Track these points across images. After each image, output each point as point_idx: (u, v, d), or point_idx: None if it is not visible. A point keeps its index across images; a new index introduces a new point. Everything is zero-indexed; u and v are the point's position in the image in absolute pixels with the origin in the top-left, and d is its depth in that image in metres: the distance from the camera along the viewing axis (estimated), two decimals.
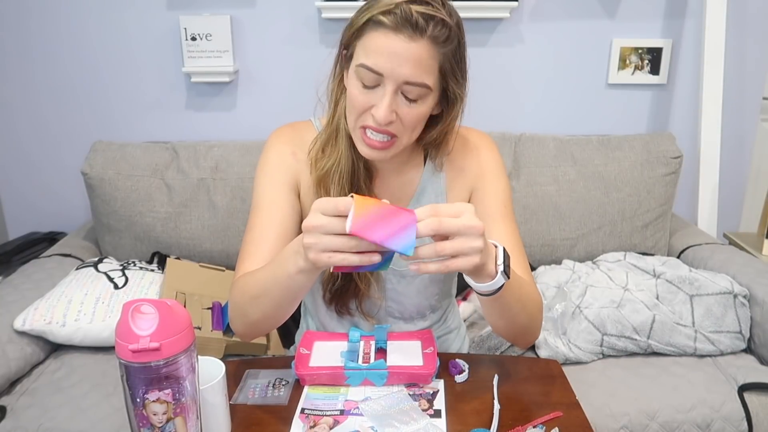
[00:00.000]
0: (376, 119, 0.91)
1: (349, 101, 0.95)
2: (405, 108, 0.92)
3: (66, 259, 1.71)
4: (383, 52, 0.88)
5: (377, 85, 0.91)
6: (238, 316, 0.98)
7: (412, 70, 0.89)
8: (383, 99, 0.90)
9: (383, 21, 0.87)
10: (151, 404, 0.70)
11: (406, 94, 0.91)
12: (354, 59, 0.93)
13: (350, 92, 0.94)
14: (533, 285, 1.03)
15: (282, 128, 1.10)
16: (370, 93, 0.91)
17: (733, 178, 2.07)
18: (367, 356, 0.97)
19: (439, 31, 0.88)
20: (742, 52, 1.96)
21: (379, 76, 0.89)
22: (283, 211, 1.02)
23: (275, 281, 0.89)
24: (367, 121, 0.93)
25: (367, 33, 0.90)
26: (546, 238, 1.80)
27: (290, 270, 0.84)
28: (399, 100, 0.91)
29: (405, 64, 0.88)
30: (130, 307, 0.69)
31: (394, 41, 0.87)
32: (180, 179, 1.76)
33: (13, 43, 1.90)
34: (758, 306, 1.47)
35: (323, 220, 0.75)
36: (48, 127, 1.99)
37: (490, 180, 1.07)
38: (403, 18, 0.86)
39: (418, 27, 0.87)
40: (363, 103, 0.92)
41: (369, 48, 0.89)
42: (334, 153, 1.01)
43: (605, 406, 1.30)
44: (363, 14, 0.91)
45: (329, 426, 0.85)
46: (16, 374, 1.34)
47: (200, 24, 1.86)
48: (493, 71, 1.95)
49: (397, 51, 0.87)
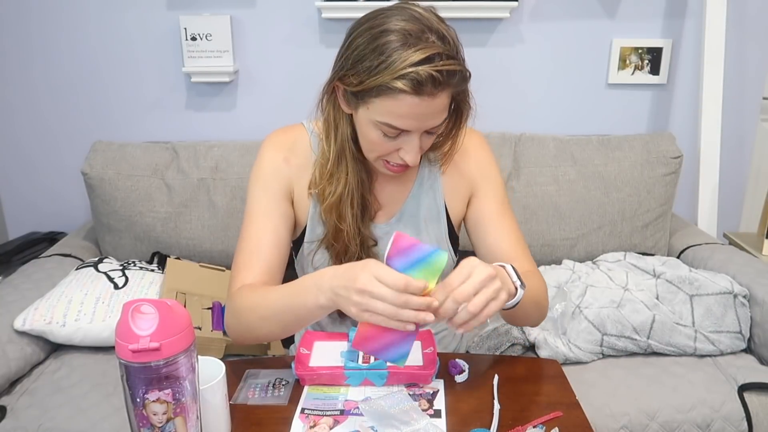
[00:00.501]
0: (408, 162, 0.95)
1: (369, 144, 0.97)
2: (426, 140, 0.97)
3: (66, 259, 1.71)
4: (407, 114, 0.90)
5: (399, 134, 0.93)
6: (241, 328, 0.99)
7: (437, 118, 0.93)
8: (411, 147, 0.94)
9: (401, 88, 0.86)
10: (151, 404, 0.70)
11: (429, 131, 0.95)
12: (370, 111, 0.92)
13: (370, 138, 0.95)
14: (538, 274, 1.07)
15: (274, 133, 1.11)
16: (394, 139, 0.94)
17: (733, 178, 2.07)
18: (367, 356, 0.97)
19: (456, 78, 0.90)
20: (742, 52, 1.96)
21: (404, 131, 0.93)
22: (276, 221, 1.05)
23: (290, 309, 0.91)
24: (393, 159, 0.97)
25: (385, 96, 0.89)
26: (546, 238, 1.80)
27: (309, 304, 0.88)
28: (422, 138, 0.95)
29: (430, 118, 0.92)
30: (130, 307, 0.69)
31: (418, 104, 0.89)
32: (180, 179, 1.76)
33: (13, 43, 1.90)
34: (758, 306, 1.47)
35: (382, 290, 0.78)
36: (48, 127, 1.99)
37: (487, 180, 1.11)
38: (422, 82, 0.86)
39: (439, 84, 0.88)
40: (389, 148, 0.96)
41: (391, 110, 0.90)
42: (342, 178, 1.02)
43: (605, 406, 1.30)
44: (374, 76, 0.88)
45: (329, 426, 0.85)
46: (16, 374, 1.34)
47: (200, 24, 1.86)
48: (492, 71, 1.95)
49: (422, 111, 0.90)
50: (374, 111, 0.91)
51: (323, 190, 1.03)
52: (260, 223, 1.04)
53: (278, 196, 1.06)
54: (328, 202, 1.02)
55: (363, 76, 0.89)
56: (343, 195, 1.02)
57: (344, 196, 1.02)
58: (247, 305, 0.97)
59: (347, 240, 1.04)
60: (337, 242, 1.05)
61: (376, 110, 0.91)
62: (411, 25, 0.87)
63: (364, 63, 0.89)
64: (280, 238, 1.04)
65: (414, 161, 0.95)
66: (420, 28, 0.87)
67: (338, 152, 1.01)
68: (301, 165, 1.07)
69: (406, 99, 0.87)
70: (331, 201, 1.02)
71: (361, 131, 0.97)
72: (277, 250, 1.02)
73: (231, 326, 1.02)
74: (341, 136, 1.00)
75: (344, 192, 1.01)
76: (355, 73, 0.90)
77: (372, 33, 0.89)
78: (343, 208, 1.02)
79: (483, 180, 1.11)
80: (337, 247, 1.05)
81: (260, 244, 1.03)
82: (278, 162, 1.07)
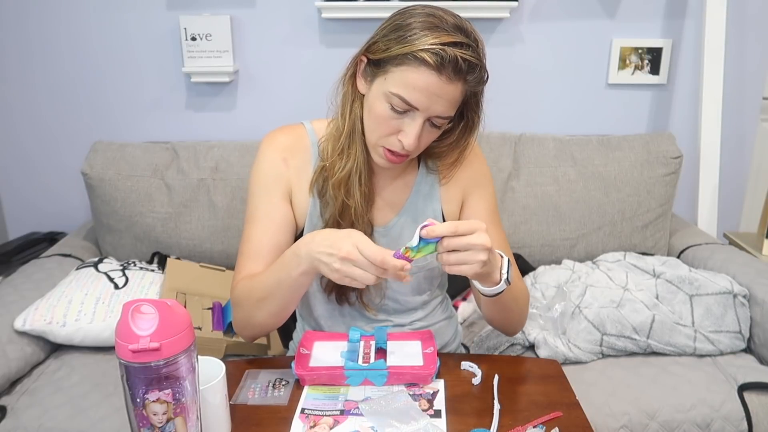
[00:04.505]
0: (405, 146, 0.96)
1: (373, 120, 0.98)
2: (426, 133, 0.97)
3: (66, 259, 1.71)
4: (422, 89, 0.91)
5: (407, 111, 0.94)
6: (244, 319, 1.05)
7: (445, 107, 0.94)
8: (412, 128, 0.94)
9: (426, 60, 0.89)
10: (151, 404, 0.70)
11: (432, 121, 0.96)
12: (386, 82, 0.94)
13: (377, 113, 0.96)
14: (522, 281, 1.13)
15: (273, 133, 1.11)
16: (399, 118, 0.95)
17: (733, 178, 2.07)
18: (367, 356, 0.98)
19: (476, 74, 0.93)
20: (742, 52, 1.96)
21: (412, 108, 0.93)
22: (276, 223, 1.06)
23: (279, 283, 0.96)
24: (391, 144, 0.97)
25: (407, 65, 0.91)
26: (546, 238, 1.80)
27: (293, 273, 0.92)
28: (424, 127, 0.96)
29: (440, 102, 0.92)
30: (130, 307, 0.69)
31: (435, 81, 0.90)
32: (180, 179, 1.76)
33: (13, 43, 1.90)
34: (758, 306, 1.47)
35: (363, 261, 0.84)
36: (48, 128, 1.99)
37: (481, 189, 1.13)
38: (447, 61, 0.89)
39: (460, 71, 0.91)
40: (391, 127, 0.96)
41: (407, 81, 0.91)
42: (352, 154, 1.03)
43: (605, 405, 1.30)
44: (403, 44, 0.91)
45: (329, 426, 0.85)
46: (17, 374, 1.34)
47: (200, 24, 1.86)
48: (492, 71, 1.93)
49: (436, 91, 0.91)
50: (390, 81, 0.93)
51: (333, 164, 1.04)
52: (261, 227, 1.06)
53: (277, 198, 1.07)
54: (337, 177, 1.03)
55: (391, 43, 0.93)
56: (352, 170, 1.02)
57: (353, 171, 1.03)
58: (244, 293, 1.02)
59: (354, 217, 1.04)
60: (343, 221, 1.05)
61: (392, 80, 0.93)
62: (447, 17, 0.92)
63: (396, 32, 0.93)
64: (279, 242, 1.06)
65: (411, 146, 0.95)
66: (455, 23, 0.92)
67: (350, 129, 1.02)
68: (300, 166, 1.08)
69: (426, 73, 0.90)
70: (340, 176, 1.03)
71: (369, 108, 0.98)
72: (277, 252, 1.03)
73: (236, 320, 1.07)
74: (354, 114, 1.02)
75: (353, 168, 1.02)
76: (385, 41, 0.94)
77: (411, 12, 0.94)
78: (352, 184, 1.03)
79: (475, 188, 1.13)
80: (344, 226, 1.05)
81: (260, 246, 1.05)
82: (277, 162, 1.07)
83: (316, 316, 1.16)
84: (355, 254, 0.84)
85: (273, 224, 1.06)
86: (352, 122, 1.02)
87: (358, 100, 1.01)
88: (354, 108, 1.02)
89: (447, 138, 1.06)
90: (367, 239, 0.86)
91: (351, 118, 1.02)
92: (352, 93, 1.02)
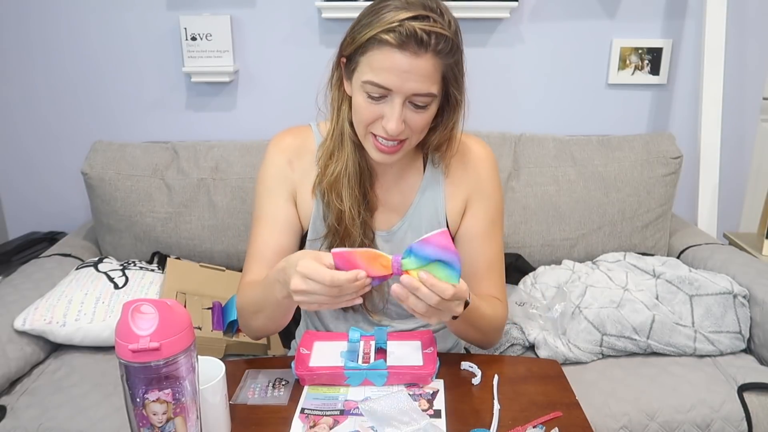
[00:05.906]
0: (388, 131, 0.94)
1: (356, 113, 0.98)
2: (413, 115, 0.95)
3: (66, 259, 1.71)
4: (390, 69, 0.90)
5: (384, 96, 0.93)
6: (245, 324, 1.07)
7: (419, 83, 0.92)
8: (392, 112, 0.93)
9: (387, 39, 0.89)
10: (151, 404, 0.70)
11: (414, 102, 0.94)
12: (358, 74, 0.94)
13: (357, 104, 0.96)
14: (500, 303, 1.09)
15: (281, 134, 1.11)
16: (378, 104, 0.94)
17: (733, 178, 2.07)
18: (367, 356, 0.98)
19: (442, 44, 0.91)
20: (742, 52, 1.96)
21: (387, 90, 0.92)
22: (279, 225, 1.07)
23: (267, 301, 0.96)
24: (377, 131, 0.96)
25: (371, 50, 0.91)
26: (546, 238, 1.80)
27: (277, 296, 0.91)
28: (407, 109, 0.94)
29: (412, 79, 0.91)
30: (130, 307, 0.69)
31: (400, 58, 0.90)
32: (180, 179, 1.76)
33: (13, 43, 1.90)
34: (758, 306, 1.47)
35: (315, 287, 0.81)
36: (48, 128, 1.99)
37: (483, 197, 1.11)
38: (406, 35, 0.88)
39: (422, 42, 0.89)
40: (372, 115, 0.95)
41: (375, 65, 0.91)
42: (341, 158, 1.03)
43: (605, 405, 1.30)
44: (365, 31, 0.92)
45: (329, 426, 0.85)
46: (16, 374, 1.34)
47: (200, 24, 1.86)
48: (493, 71, 1.95)
49: (404, 67, 0.90)
50: (361, 71, 0.93)
51: (325, 167, 1.05)
52: (266, 229, 1.07)
53: (282, 200, 1.07)
54: (328, 180, 1.04)
55: (356, 33, 0.93)
56: (341, 174, 1.03)
57: (341, 175, 1.03)
58: (243, 301, 1.04)
59: (348, 223, 1.04)
60: (339, 225, 1.05)
61: (362, 69, 0.93)
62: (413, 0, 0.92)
63: (360, 22, 0.94)
64: (282, 244, 1.06)
65: (393, 130, 0.93)
66: (421, 2, 0.91)
67: (339, 132, 1.03)
68: (306, 168, 1.08)
69: (389, 52, 0.90)
70: (330, 179, 1.04)
71: (353, 104, 0.98)
72: (280, 254, 1.03)
73: (240, 322, 1.09)
74: (342, 117, 1.02)
75: (342, 171, 1.03)
76: (351, 34, 0.95)
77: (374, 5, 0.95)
78: (341, 188, 1.03)
79: (479, 195, 1.11)
80: (341, 231, 1.05)
81: (264, 247, 1.06)
82: (282, 165, 1.08)
83: (321, 317, 1.17)
84: (305, 284, 0.81)
85: (276, 226, 1.07)
86: (341, 125, 1.02)
87: (345, 103, 1.02)
88: (342, 111, 1.02)
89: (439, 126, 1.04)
90: (313, 263, 0.81)
91: (339, 121, 1.03)
92: (339, 96, 1.03)
